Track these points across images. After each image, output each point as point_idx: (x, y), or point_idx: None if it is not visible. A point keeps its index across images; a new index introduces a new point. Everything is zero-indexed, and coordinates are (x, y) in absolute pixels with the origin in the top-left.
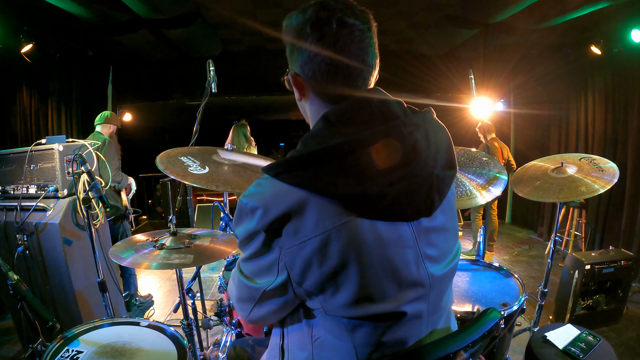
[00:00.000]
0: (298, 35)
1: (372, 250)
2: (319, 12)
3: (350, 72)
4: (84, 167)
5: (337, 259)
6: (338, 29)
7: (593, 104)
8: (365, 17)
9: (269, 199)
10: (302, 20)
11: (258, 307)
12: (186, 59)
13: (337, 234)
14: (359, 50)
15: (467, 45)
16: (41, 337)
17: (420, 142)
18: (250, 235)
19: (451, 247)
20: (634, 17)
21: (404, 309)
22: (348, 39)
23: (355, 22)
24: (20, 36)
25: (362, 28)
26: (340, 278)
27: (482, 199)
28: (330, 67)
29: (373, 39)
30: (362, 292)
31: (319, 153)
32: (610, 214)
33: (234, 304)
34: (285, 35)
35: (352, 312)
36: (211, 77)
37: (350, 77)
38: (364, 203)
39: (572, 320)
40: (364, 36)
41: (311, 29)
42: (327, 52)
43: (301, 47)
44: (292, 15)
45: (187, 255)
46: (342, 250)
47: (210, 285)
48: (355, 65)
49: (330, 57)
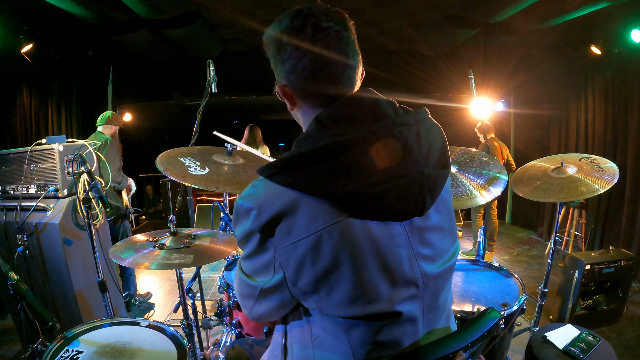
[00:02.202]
0: (277, 47)
1: (364, 249)
2: (293, 20)
3: (333, 73)
4: (84, 167)
5: (330, 259)
6: (314, 34)
7: (593, 104)
8: (340, 17)
9: (262, 200)
10: (278, 31)
11: (258, 304)
12: (186, 59)
13: (328, 234)
14: (338, 50)
15: (467, 45)
16: (41, 337)
17: (411, 141)
18: (246, 235)
19: (447, 246)
20: (634, 17)
21: (399, 309)
22: (325, 41)
23: (330, 24)
24: (20, 36)
25: (338, 29)
26: (333, 277)
27: (482, 199)
28: (313, 73)
29: (351, 37)
30: (355, 291)
31: (309, 154)
32: (610, 214)
33: (238, 300)
34: (266, 49)
35: (346, 311)
36: (211, 77)
37: (334, 78)
38: (355, 203)
39: (572, 320)
40: (341, 36)
41: (288, 39)
42: (307, 58)
43: (282, 58)
44: (270, 28)
45: (187, 255)
46: (334, 249)
47: (210, 285)
48: (337, 66)
49: (311, 62)
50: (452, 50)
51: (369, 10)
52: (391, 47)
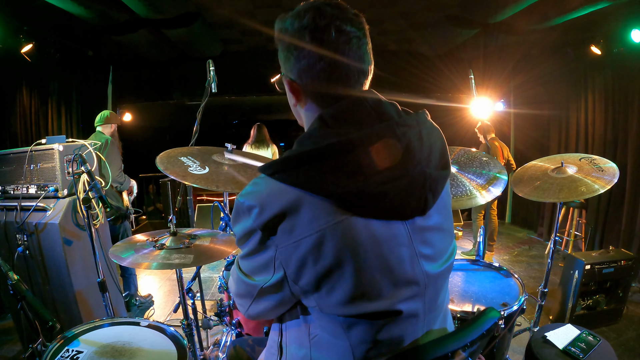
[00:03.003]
0: (295, 41)
1: (366, 248)
2: (316, 19)
3: (348, 78)
4: (84, 167)
5: (332, 258)
6: (337, 37)
7: (593, 104)
8: (360, 22)
9: (264, 198)
10: (298, 26)
11: (256, 303)
12: (186, 59)
13: (331, 233)
14: (357, 57)
15: (467, 45)
16: (41, 337)
17: (413, 142)
18: (247, 233)
19: (446, 246)
20: (634, 17)
21: (400, 307)
22: (347, 47)
23: (352, 30)
24: (20, 36)
25: (359, 35)
26: (335, 276)
27: (482, 199)
28: (329, 75)
29: (368, 45)
30: (357, 290)
31: (313, 152)
32: (610, 214)
33: (234, 299)
34: (279, 39)
35: (347, 310)
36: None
37: (348, 82)
38: (358, 202)
39: (572, 320)
40: (361, 43)
41: (310, 37)
42: (326, 60)
43: (299, 55)
44: (287, 20)
45: (187, 255)
46: (337, 249)
47: (210, 285)
48: (353, 72)
49: (330, 65)
50: (452, 50)
51: (369, 10)
52: (391, 47)
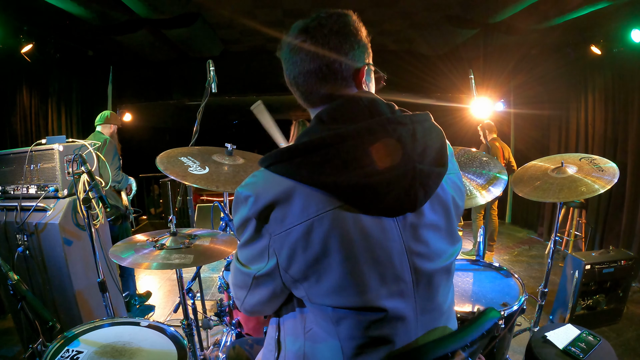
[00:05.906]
0: (293, 45)
1: (354, 240)
2: (303, 29)
3: (341, 76)
4: (84, 167)
5: (319, 246)
6: (328, 37)
7: (593, 104)
8: (347, 22)
9: (260, 187)
10: (288, 37)
11: (251, 294)
12: (186, 59)
13: (319, 222)
14: (343, 53)
15: (467, 45)
16: (41, 337)
17: (404, 138)
18: (244, 222)
19: (444, 247)
20: (634, 17)
21: (385, 304)
22: (330, 45)
23: (330, 20)
24: (20, 36)
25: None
26: (322, 265)
27: (482, 199)
28: (324, 75)
29: (362, 42)
30: (344, 281)
31: (305, 145)
32: (610, 214)
33: (232, 291)
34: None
35: (334, 300)
36: (211, 77)
37: (344, 81)
38: (347, 193)
39: (572, 320)
40: (350, 40)
41: (298, 44)
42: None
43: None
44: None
45: (187, 255)
46: (324, 237)
47: (210, 285)
48: (342, 69)
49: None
50: (452, 50)
51: (369, 10)
52: (391, 47)
